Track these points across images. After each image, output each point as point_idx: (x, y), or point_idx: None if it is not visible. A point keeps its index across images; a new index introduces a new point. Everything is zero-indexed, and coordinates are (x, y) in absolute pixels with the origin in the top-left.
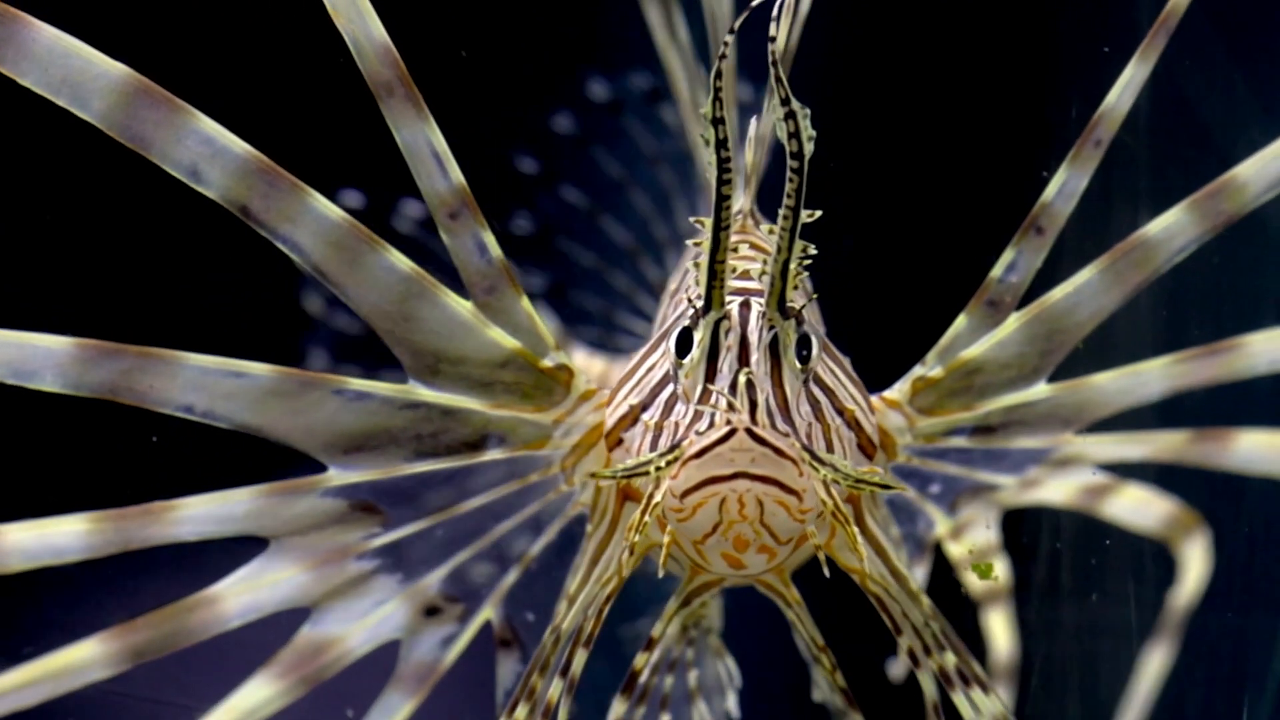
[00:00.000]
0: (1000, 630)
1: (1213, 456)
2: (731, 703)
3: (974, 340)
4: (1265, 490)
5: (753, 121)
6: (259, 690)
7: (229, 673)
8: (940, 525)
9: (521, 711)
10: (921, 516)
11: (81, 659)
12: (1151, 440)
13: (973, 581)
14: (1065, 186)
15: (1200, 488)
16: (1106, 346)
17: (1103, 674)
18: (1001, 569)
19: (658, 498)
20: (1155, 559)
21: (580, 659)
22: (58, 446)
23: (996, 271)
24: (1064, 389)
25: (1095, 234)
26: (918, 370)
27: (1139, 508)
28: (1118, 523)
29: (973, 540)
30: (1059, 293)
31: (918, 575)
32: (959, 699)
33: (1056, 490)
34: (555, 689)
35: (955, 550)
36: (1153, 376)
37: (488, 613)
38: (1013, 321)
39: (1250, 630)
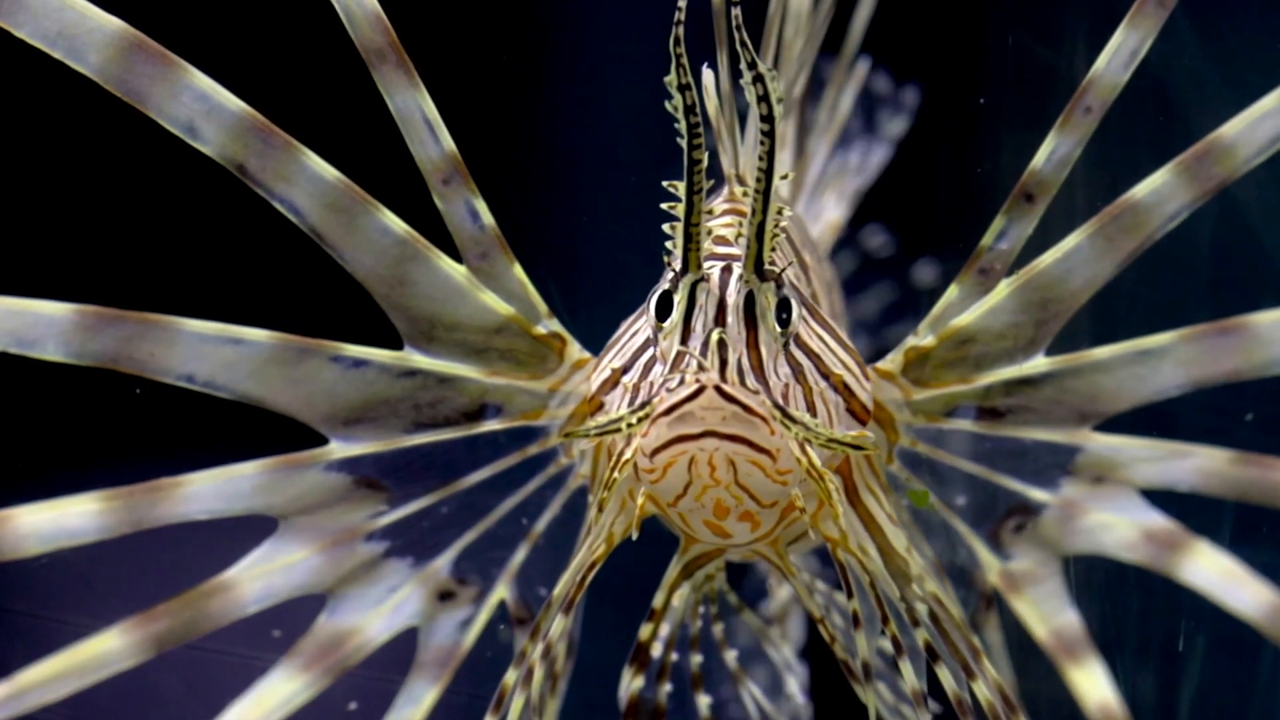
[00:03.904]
0: None
1: (1262, 486)
2: (794, 688)
3: (965, 309)
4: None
5: (707, 74)
6: (286, 683)
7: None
8: (987, 565)
9: (511, 676)
10: (960, 543)
11: (105, 650)
12: (1185, 453)
13: (1083, 693)
14: (1055, 153)
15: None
16: None
17: None
18: (1099, 680)
19: (628, 454)
20: None
21: (559, 624)
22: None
23: (987, 240)
24: (1065, 363)
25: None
26: (910, 340)
27: (1226, 584)
28: (1200, 593)
29: (1045, 614)
30: (1048, 258)
31: (992, 638)
32: (903, 664)
33: (1112, 533)
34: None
35: (1030, 618)
36: (1163, 361)
37: (501, 592)
38: (1003, 288)
39: None
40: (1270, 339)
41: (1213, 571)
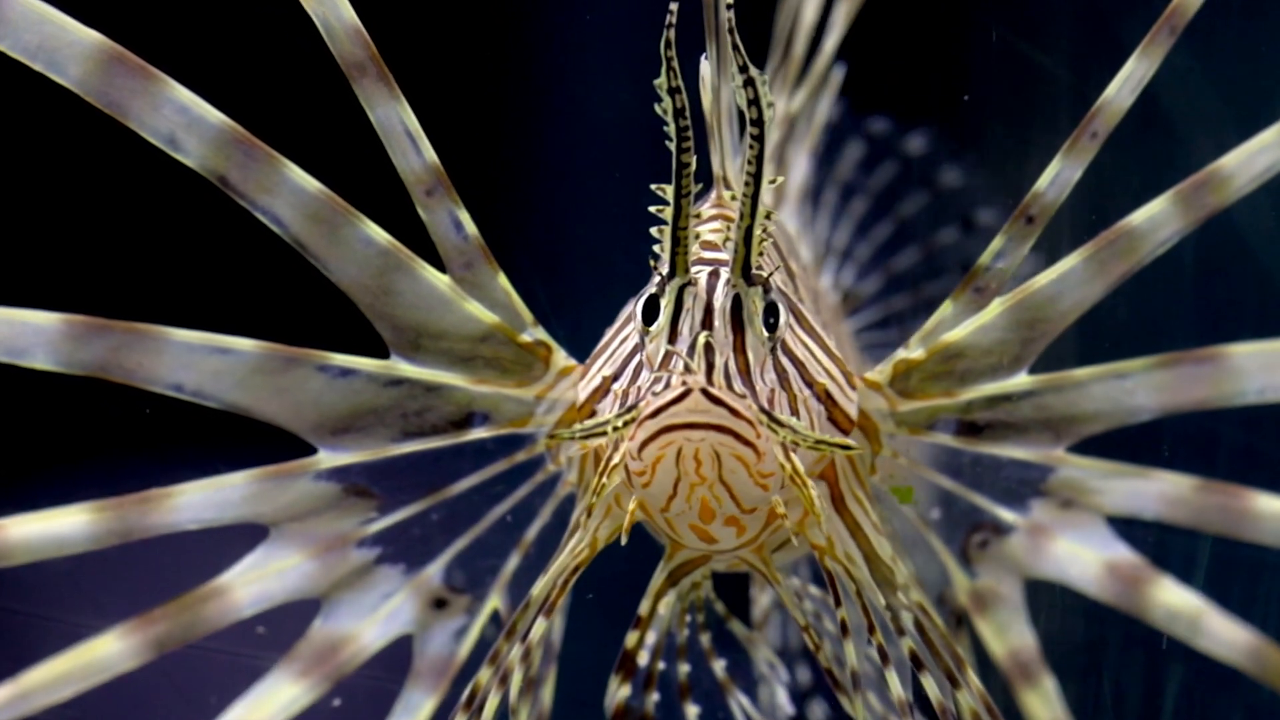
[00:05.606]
0: None
1: (1226, 515)
2: (782, 698)
3: (958, 324)
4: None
5: (704, 63)
6: (283, 689)
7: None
8: (957, 582)
9: (485, 674)
10: (933, 559)
11: (105, 652)
12: (1152, 478)
13: (1034, 713)
14: (1059, 176)
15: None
16: None
17: None
18: (1051, 700)
19: (615, 459)
20: None
21: (540, 627)
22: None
23: (985, 259)
24: (1046, 382)
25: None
26: (900, 353)
27: (1195, 624)
28: (1171, 635)
29: (1005, 635)
30: (1042, 279)
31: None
32: (889, 674)
33: (1076, 564)
34: (515, 653)
35: (990, 637)
36: (1138, 385)
37: (495, 602)
38: (996, 306)
39: (1168, 551)
40: (1242, 371)
41: (1179, 611)
